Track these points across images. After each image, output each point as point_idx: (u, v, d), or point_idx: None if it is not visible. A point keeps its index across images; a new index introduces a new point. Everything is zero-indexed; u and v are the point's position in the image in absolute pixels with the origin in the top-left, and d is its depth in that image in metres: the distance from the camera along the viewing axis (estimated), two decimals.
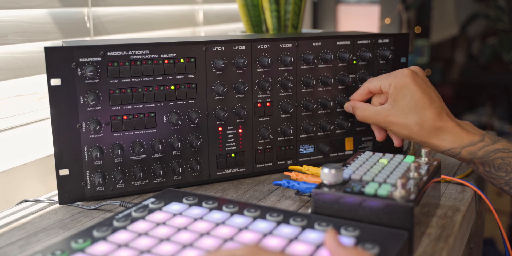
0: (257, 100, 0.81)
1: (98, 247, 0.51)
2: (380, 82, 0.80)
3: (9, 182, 0.79)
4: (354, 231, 0.54)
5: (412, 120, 0.76)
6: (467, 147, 0.75)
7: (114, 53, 0.70)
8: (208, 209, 0.60)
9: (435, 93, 0.79)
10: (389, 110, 0.78)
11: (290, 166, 0.83)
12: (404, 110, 0.77)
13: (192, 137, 0.77)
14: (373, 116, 0.80)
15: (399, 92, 0.77)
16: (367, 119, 0.81)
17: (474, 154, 0.75)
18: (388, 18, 1.76)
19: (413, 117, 0.76)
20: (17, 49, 0.83)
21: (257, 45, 0.79)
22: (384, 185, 0.60)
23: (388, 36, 0.89)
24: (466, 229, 0.72)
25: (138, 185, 0.75)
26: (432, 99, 0.77)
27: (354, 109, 0.84)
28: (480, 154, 0.75)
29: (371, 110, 0.80)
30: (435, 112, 0.76)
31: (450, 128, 0.76)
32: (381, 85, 0.80)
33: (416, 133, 0.77)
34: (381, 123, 0.80)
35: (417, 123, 0.76)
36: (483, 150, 0.74)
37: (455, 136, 0.76)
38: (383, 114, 0.79)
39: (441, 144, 0.76)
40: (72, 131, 0.70)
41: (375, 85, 0.81)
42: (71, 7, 0.90)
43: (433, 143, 0.77)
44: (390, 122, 0.78)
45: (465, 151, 0.75)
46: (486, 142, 0.75)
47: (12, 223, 0.67)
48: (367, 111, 0.81)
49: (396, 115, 0.77)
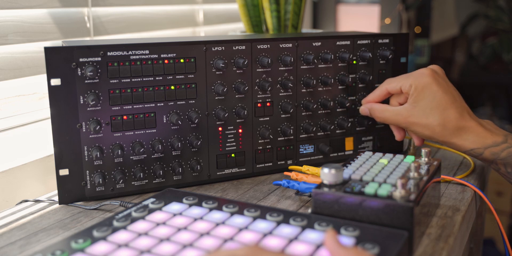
0: (257, 100, 0.81)
1: (98, 247, 0.51)
2: (400, 83, 0.79)
3: (9, 182, 0.80)
4: (354, 231, 0.54)
5: (435, 120, 0.76)
6: (490, 148, 0.74)
7: (114, 53, 0.70)
8: (208, 209, 0.60)
9: (456, 92, 0.78)
10: (410, 110, 0.77)
11: (290, 166, 0.83)
12: (426, 111, 0.76)
13: (192, 137, 0.77)
14: (393, 117, 0.80)
15: (421, 93, 0.77)
16: (387, 120, 0.81)
17: (497, 155, 0.74)
18: (388, 18, 1.76)
19: (435, 118, 0.76)
20: (17, 49, 0.83)
21: (257, 45, 0.79)
22: (384, 185, 0.60)
23: (388, 36, 0.89)
24: (466, 229, 0.72)
25: (138, 185, 0.75)
26: (454, 98, 0.77)
27: (372, 111, 0.83)
28: (503, 155, 0.74)
29: (391, 111, 0.80)
30: (457, 112, 0.76)
31: (472, 128, 0.75)
32: (401, 85, 0.79)
33: (439, 133, 0.76)
34: (402, 124, 0.79)
35: (439, 123, 0.76)
36: (506, 151, 0.74)
37: (477, 136, 0.75)
38: (404, 114, 0.78)
39: (464, 144, 0.76)
40: (72, 131, 0.70)
41: (394, 87, 0.80)
42: (71, 7, 0.90)
43: (456, 143, 0.76)
44: (412, 122, 0.78)
45: (488, 152, 0.75)
46: (510, 143, 0.74)
47: (12, 223, 0.67)
48: (387, 112, 0.80)
49: (418, 115, 0.77)
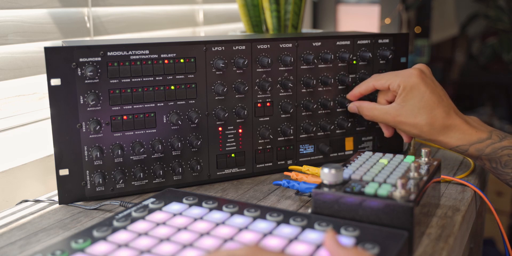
0: (257, 100, 0.81)
1: (98, 247, 0.51)
2: (389, 81, 0.80)
3: (9, 182, 0.80)
4: (354, 231, 0.54)
5: (422, 120, 0.77)
6: (475, 145, 0.76)
7: (114, 53, 0.70)
8: (208, 209, 0.60)
9: (442, 91, 0.80)
10: (398, 110, 0.79)
11: (290, 166, 0.83)
12: (414, 111, 0.78)
13: (192, 137, 0.77)
14: (381, 115, 0.81)
15: (409, 93, 0.78)
16: (375, 118, 0.82)
17: (482, 151, 0.76)
18: (388, 18, 1.76)
19: (423, 117, 0.77)
20: (17, 49, 0.83)
21: (257, 45, 0.79)
22: (384, 185, 0.60)
23: (388, 36, 0.89)
24: (466, 229, 0.72)
25: (138, 185, 0.75)
26: (441, 98, 0.78)
27: (360, 109, 0.84)
28: (487, 151, 0.76)
29: (379, 109, 0.81)
30: (444, 111, 0.77)
31: (458, 126, 0.77)
32: (389, 84, 0.80)
33: (426, 132, 0.78)
34: (390, 122, 0.80)
35: (427, 122, 0.77)
36: (490, 147, 0.76)
37: (463, 134, 0.77)
38: (392, 114, 0.79)
39: (450, 142, 0.77)
40: (72, 131, 0.70)
41: (382, 84, 0.81)
42: (71, 7, 0.90)
43: (442, 140, 0.78)
44: (400, 121, 0.79)
45: (473, 148, 0.77)
46: (494, 139, 0.76)
47: (12, 223, 0.67)
48: (376, 110, 0.81)
49: (406, 115, 0.78)
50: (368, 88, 0.83)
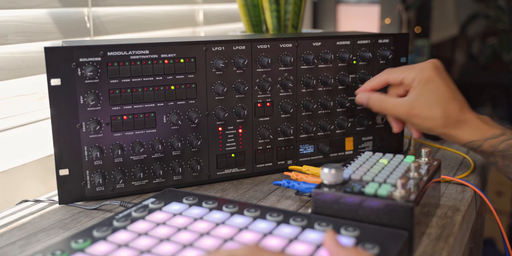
0: (257, 100, 0.81)
1: (98, 247, 0.51)
2: (402, 75, 0.79)
3: (9, 182, 0.80)
4: (354, 231, 0.54)
5: (437, 112, 0.77)
6: (489, 140, 0.76)
7: (114, 53, 0.70)
8: (208, 209, 0.60)
9: (455, 87, 0.80)
10: (412, 103, 0.78)
11: (290, 166, 0.83)
12: (429, 104, 0.77)
13: (192, 137, 0.77)
14: (392, 107, 0.80)
15: (424, 86, 0.77)
16: (386, 110, 0.81)
17: (496, 147, 0.76)
18: (388, 18, 1.76)
19: (438, 110, 0.77)
20: (17, 49, 0.83)
21: (257, 45, 0.79)
22: (384, 185, 0.60)
23: (388, 36, 0.89)
24: (466, 229, 0.72)
25: (138, 185, 0.75)
26: (455, 92, 0.78)
27: (370, 100, 0.82)
28: (501, 147, 0.76)
29: (391, 102, 0.80)
30: (458, 105, 0.78)
31: (472, 120, 0.77)
32: (403, 77, 0.79)
33: (441, 125, 0.77)
34: (402, 115, 0.79)
35: (442, 115, 0.77)
36: (505, 143, 0.76)
37: (477, 129, 0.77)
38: (406, 106, 0.78)
39: (464, 136, 0.77)
40: (72, 131, 0.70)
41: (395, 78, 0.80)
42: (71, 7, 0.90)
43: (456, 135, 0.78)
44: (414, 114, 0.78)
45: (487, 144, 0.77)
46: (508, 135, 0.76)
47: (12, 223, 0.67)
48: (387, 102, 0.80)
49: (421, 107, 0.78)
50: (381, 82, 0.82)
